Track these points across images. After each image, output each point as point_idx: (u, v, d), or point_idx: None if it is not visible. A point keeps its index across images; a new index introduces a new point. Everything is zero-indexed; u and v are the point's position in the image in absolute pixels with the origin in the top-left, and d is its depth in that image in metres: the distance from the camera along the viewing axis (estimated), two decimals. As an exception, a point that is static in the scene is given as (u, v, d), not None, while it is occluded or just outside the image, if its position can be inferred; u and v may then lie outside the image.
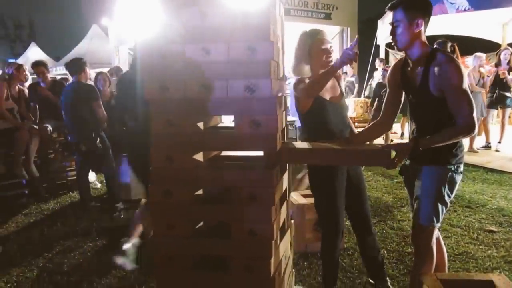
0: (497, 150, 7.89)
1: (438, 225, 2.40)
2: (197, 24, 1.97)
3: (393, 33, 2.30)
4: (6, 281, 3.34)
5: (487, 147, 8.00)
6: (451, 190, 2.35)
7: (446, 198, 2.34)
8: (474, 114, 2.17)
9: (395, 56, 13.41)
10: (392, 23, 2.30)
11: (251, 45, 1.91)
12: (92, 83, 5.87)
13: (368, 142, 2.60)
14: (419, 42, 2.28)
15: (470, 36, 11.91)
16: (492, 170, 6.48)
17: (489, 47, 11.31)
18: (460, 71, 2.17)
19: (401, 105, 2.59)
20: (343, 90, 2.91)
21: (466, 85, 2.19)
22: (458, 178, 2.35)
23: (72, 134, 5.05)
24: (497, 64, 7.76)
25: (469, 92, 2.18)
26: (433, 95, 2.24)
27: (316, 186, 2.85)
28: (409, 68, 2.40)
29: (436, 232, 2.59)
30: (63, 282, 3.29)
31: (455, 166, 2.32)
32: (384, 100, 2.62)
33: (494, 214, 4.53)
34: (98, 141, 4.95)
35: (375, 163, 2.23)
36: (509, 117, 8.28)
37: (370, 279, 3.05)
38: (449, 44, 4.32)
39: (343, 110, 2.84)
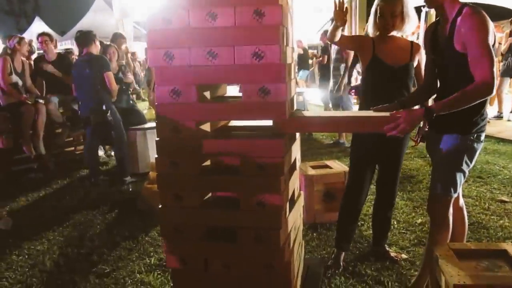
0: (509, 120, 7.78)
1: (455, 195, 2.32)
2: (202, -12, 1.88)
3: None
4: (17, 253, 3.36)
5: (499, 117, 7.88)
6: (470, 159, 2.26)
7: (465, 167, 2.25)
8: (495, 72, 2.03)
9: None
10: None
11: (259, 9, 1.83)
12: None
13: (417, 106, 2.50)
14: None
15: (484, 3, 11.55)
16: (503, 140, 6.39)
17: (503, 14, 10.96)
18: (485, 25, 2.02)
19: None
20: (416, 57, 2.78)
21: (489, 41, 2.02)
22: (478, 147, 2.25)
23: (83, 107, 5.01)
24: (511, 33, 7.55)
25: (492, 49, 2.03)
26: (456, 50, 2.11)
27: (351, 144, 2.99)
28: (439, 27, 2.28)
29: (461, 202, 2.54)
30: (73, 254, 3.31)
31: (475, 135, 2.22)
32: (424, 65, 2.54)
33: (506, 184, 4.48)
34: (108, 114, 4.92)
35: (374, 129, 2.16)
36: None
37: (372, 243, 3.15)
38: None
39: (401, 76, 2.73)
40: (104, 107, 4.90)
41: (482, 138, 2.27)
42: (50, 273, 3.06)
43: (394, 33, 2.73)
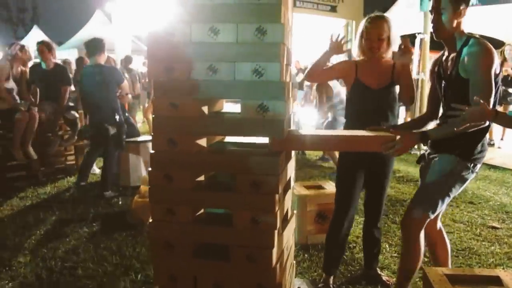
0: (499, 147, 7.86)
1: (432, 217, 2.33)
2: (206, 3, 1.88)
3: (435, 21, 2.20)
4: (-1, 264, 3.28)
5: (490, 144, 7.94)
6: (459, 186, 2.27)
7: (453, 192, 2.26)
8: (491, 102, 2.08)
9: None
10: (435, 10, 2.19)
11: (261, 26, 1.83)
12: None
13: None
14: (459, 31, 2.20)
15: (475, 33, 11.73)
16: (494, 167, 6.44)
17: (493, 44, 11.13)
18: (489, 55, 2.08)
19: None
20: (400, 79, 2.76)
21: (492, 71, 2.07)
22: (470, 177, 2.26)
23: (95, 116, 5.01)
24: (503, 61, 7.67)
25: (493, 82, 2.07)
26: (462, 77, 2.15)
27: (337, 170, 2.98)
28: (444, 58, 2.33)
29: (439, 224, 2.54)
30: (57, 267, 3.22)
31: (472, 163, 2.23)
32: (428, 94, 2.58)
33: (497, 211, 4.49)
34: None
35: (374, 148, 2.18)
36: None
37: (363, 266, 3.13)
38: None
39: (384, 97, 2.74)
40: (117, 119, 4.98)
41: (477, 169, 2.27)
42: (31, 286, 2.96)
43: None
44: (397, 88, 2.77)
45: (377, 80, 2.71)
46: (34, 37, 18.24)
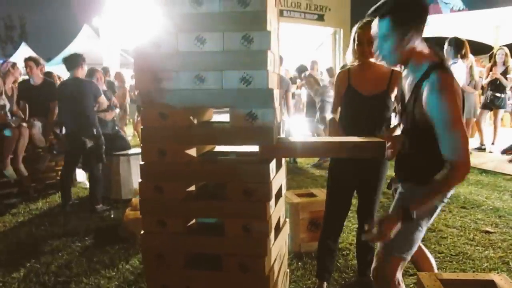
0: (490, 152, 7.90)
1: (408, 257, 2.07)
2: (191, 12, 1.89)
3: (380, 47, 1.90)
4: (-9, 281, 3.23)
5: (481, 148, 7.99)
6: (431, 215, 2.08)
7: (424, 223, 2.05)
8: (468, 149, 1.82)
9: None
10: (376, 36, 1.89)
11: (248, 34, 1.84)
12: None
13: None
14: (414, 55, 1.87)
15: (463, 38, 11.89)
16: (486, 171, 6.47)
17: (481, 49, 11.31)
18: (453, 99, 1.74)
19: None
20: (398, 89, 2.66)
21: (460, 114, 1.76)
22: (440, 204, 2.08)
23: (71, 129, 4.96)
24: (493, 66, 7.75)
25: (463, 125, 1.77)
26: (416, 118, 1.88)
27: (328, 175, 2.97)
28: (404, 74, 2.06)
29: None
30: (50, 283, 3.19)
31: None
32: None
33: (490, 215, 4.49)
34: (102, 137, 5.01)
35: (361, 154, 2.15)
36: (501, 119, 8.28)
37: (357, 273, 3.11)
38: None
39: (375, 104, 2.68)
40: (95, 132, 4.91)
41: (448, 196, 2.07)
42: (25, 302, 2.93)
43: (374, 60, 2.70)
44: (392, 97, 2.70)
45: (370, 87, 2.68)
46: (23, 54, 18.09)
